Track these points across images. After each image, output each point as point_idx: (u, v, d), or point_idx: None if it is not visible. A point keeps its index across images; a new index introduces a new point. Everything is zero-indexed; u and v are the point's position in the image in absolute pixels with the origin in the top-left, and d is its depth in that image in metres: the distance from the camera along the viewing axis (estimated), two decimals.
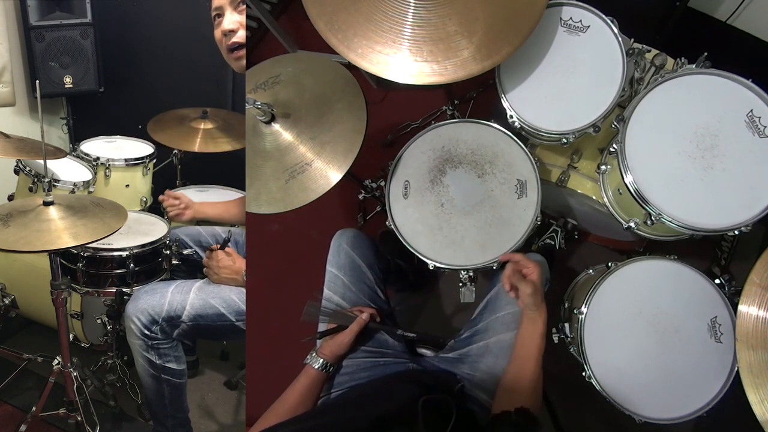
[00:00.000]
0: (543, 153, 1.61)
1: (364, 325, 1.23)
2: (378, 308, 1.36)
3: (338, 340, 1.21)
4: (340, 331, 1.22)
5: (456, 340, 1.32)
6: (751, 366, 1.12)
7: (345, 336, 1.21)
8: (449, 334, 1.47)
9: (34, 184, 1.83)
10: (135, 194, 2.16)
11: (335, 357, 1.21)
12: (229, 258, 1.55)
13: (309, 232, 2.19)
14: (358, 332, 1.22)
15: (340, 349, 1.21)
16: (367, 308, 1.27)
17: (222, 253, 1.55)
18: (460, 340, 1.31)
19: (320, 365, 1.18)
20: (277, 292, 2.08)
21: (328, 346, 1.22)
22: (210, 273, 1.56)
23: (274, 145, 1.25)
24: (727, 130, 1.22)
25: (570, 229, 1.84)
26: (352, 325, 1.22)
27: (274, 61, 1.42)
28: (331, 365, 1.21)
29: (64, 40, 2.20)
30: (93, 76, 2.30)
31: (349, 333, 1.21)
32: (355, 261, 1.37)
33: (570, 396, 1.68)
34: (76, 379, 1.62)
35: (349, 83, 1.29)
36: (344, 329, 1.22)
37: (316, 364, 1.18)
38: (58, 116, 2.53)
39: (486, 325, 1.28)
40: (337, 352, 1.21)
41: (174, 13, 2.35)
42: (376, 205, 2.08)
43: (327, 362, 1.19)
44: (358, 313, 1.25)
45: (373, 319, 1.26)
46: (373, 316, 1.26)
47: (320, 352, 1.20)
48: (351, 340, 1.21)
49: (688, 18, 1.94)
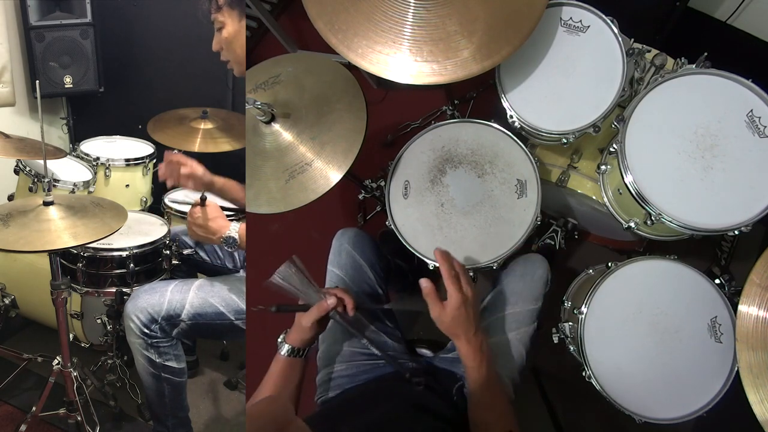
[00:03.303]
0: (543, 153, 1.61)
1: (325, 311, 1.06)
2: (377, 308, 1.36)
3: (298, 322, 1.09)
4: (301, 311, 1.09)
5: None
6: (751, 366, 1.12)
7: (304, 318, 1.07)
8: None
9: (34, 184, 1.83)
10: (135, 194, 2.16)
11: (301, 342, 1.09)
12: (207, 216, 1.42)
13: (309, 232, 2.19)
14: (318, 318, 1.07)
15: (303, 332, 1.08)
16: (342, 293, 1.09)
17: (197, 210, 1.42)
18: None
19: (286, 351, 1.09)
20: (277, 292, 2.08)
21: (292, 330, 1.11)
22: (189, 231, 1.46)
23: (274, 145, 1.25)
24: (727, 130, 1.22)
25: (570, 229, 1.83)
26: (312, 308, 1.07)
27: (274, 61, 1.42)
28: (300, 349, 1.09)
29: (64, 40, 2.20)
30: (93, 76, 2.30)
31: (308, 316, 1.07)
32: (356, 261, 1.37)
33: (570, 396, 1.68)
34: (76, 379, 1.62)
35: (349, 83, 1.29)
36: (306, 309, 1.08)
37: (282, 350, 1.09)
38: (58, 116, 2.53)
39: (486, 325, 1.28)
40: (302, 336, 1.09)
41: (174, 13, 2.35)
42: (376, 205, 2.08)
43: (292, 347, 1.09)
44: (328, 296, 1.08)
45: (343, 307, 1.08)
46: (342, 303, 1.08)
47: (287, 338, 1.10)
48: (310, 324, 1.06)
49: (688, 18, 1.94)
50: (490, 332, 1.26)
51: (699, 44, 1.42)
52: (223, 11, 1.31)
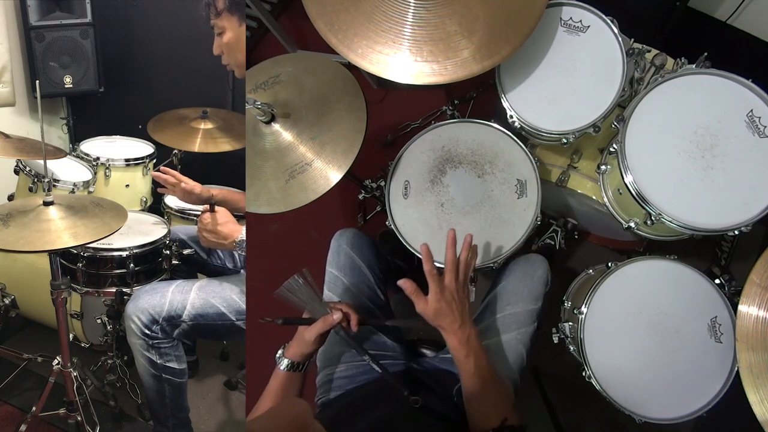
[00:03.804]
0: (543, 153, 1.61)
1: (330, 326, 1.06)
2: (377, 308, 1.36)
3: (300, 336, 1.08)
4: (306, 324, 1.07)
5: None
6: (751, 366, 1.12)
7: (307, 332, 1.06)
8: None
9: (34, 184, 1.83)
10: (135, 194, 2.16)
11: (301, 356, 1.08)
12: (217, 221, 1.42)
13: (309, 232, 2.19)
14: (322, 332, 1.06)
15: (304, 346, 1.07)
16: (347, 308, 1.10)
17: (207, 216, 1.42)
18: None
19: (285, 365, 1.07)
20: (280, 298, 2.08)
21: (292, 344, 1.09)
22: (200, 238, 1.46)
23: (274, 145, 1.25)
24: (727, 130, 1.22)
25: (570, 229, 1.83)
26: (317, 322, 1.06)
27: (274, 61, 1.42)
28: (299, 364, 1.08)
29: (64, 40, 2.20)
30: (93, 76, 2.30)
31: (311, 330, 1.05)
32: (355, 261, 1.37)
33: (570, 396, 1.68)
34: (76, 379, 1.62)
35: (349, 83, 1.29)
36: (311, 323, 1.07)
37: (281, 365, 1.08)
38: (58, 116, 2.52)
39: (486, 325, 1.28)
40: (303, 350, 1.07)
41: (174, 14, 2.35)
42: (376, 205, 2.08)
43: (292, 362, 1.07)
44: (334, 310, 1.08)
45: (347, 322, 1.09)
46: (347, 318, 1.09)
47: (286, 352, 1.09)
48: (313, 339, 1.05)
49: (688, 18, 1.94)
50: (490, 332, 1.26)
51: (699, 44, 1.42)
52: (222, 17, 1.31)
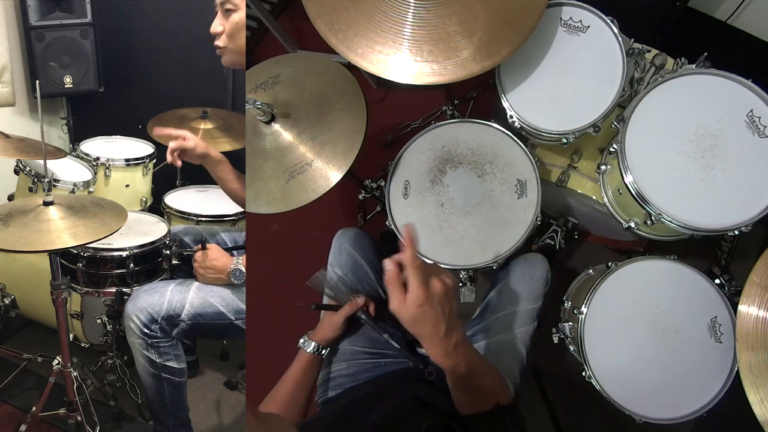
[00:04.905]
0: (543, 153, 1.61)
1: (356, 309, 1.20)
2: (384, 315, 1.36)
3: (329, 320, 1.21)
4: (333, 310, 1.22)
5: None
6: (751, 366, 1.12)
7: (336, 316, 1.20)
8: None
9: (34, 184, 1.83)
10: (135, 194, 2.16)
11: (327, 340, 1.21)
12: (208, 258, 1.50)
13: (309, 232, 2.19)
14: (349, 315, 1.20)
15: (332, 330, 1.20)
16: (364, 297, 1.24)
17: (201, 254, 1.52)
18: None
19: (312, 348, 1.19)
20: (277, 292, 2.08)
21: (320, 328, 1.22)
22: (198, 276, 1.54)
23: (274, 145, 1.25)
24: (727, 130, 1.22)
25: (570, 229, 1.84)
26: (345, 306, 1.20)
27: (274, 61, 1.42)
28: (323, 348, 1.20)
29: (64, 40, 2.20)
30: (93, 76, 2.29)
31: (340, 314, 1.20)
32: (356, 260, 1.37)
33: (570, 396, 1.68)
34: (76, 379, 1.62)
35: (349, 83, 1.29)
36: (337, 309, 1.22)
37: (308, 347, 1.19)
38: (58, 116, 2.52)
39: (486, 325, 1.28)
40: (329, 335, 1.21)
41: (174, 13, 2.35)
42: (376, 205, 2.08)
43: (319, 345, 1.19)
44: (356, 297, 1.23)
45: (366, 307, 1.23)
46: (367, 303, 1.23)
47: (312, 336, 1.21)
48: (341, 322, 1.20)
49: (688, 18, 1.94)
50: (490, 331, 1.26)
51: (699, 44, 1.42)
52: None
